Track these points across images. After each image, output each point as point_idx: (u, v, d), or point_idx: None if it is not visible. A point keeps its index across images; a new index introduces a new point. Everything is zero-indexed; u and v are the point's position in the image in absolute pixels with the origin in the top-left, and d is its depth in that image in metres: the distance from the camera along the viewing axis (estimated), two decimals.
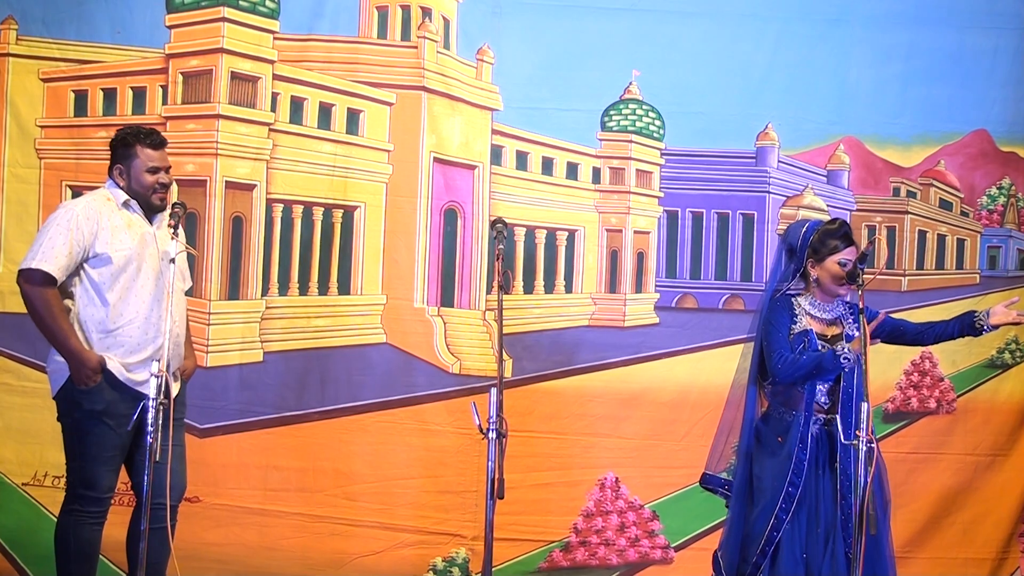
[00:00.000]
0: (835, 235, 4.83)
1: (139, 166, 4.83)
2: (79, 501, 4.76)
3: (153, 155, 4.84)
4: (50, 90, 6.21)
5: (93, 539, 4.79)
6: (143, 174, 4.83)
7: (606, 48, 6.38)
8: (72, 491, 4.78)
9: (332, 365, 6.26)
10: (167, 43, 6.22)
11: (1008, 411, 6.50)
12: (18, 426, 6.05)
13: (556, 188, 6.48)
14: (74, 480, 4.78)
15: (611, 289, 6.48)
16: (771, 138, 6.48)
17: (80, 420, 4.71)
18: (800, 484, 4.78)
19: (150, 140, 4.86)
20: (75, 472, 4.77)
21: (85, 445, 4.71)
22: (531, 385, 6.29)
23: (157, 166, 4.85)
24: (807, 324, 4.84)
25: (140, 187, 4.84)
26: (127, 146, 4.85)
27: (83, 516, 4.76)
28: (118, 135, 4.93)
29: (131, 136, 4.87)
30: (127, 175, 4.85)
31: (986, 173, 6.66)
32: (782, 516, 4.77)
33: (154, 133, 4.91)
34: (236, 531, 6.08)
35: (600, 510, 6.33)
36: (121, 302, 4.74)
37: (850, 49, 6.46)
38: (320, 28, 6.29)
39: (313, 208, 6.29)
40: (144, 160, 4.83)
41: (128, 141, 4.86)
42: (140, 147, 4.83)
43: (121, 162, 4.86)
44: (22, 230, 6.13)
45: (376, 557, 6.19)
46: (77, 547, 4.77)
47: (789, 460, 4.80)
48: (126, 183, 4.85)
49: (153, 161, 4.84)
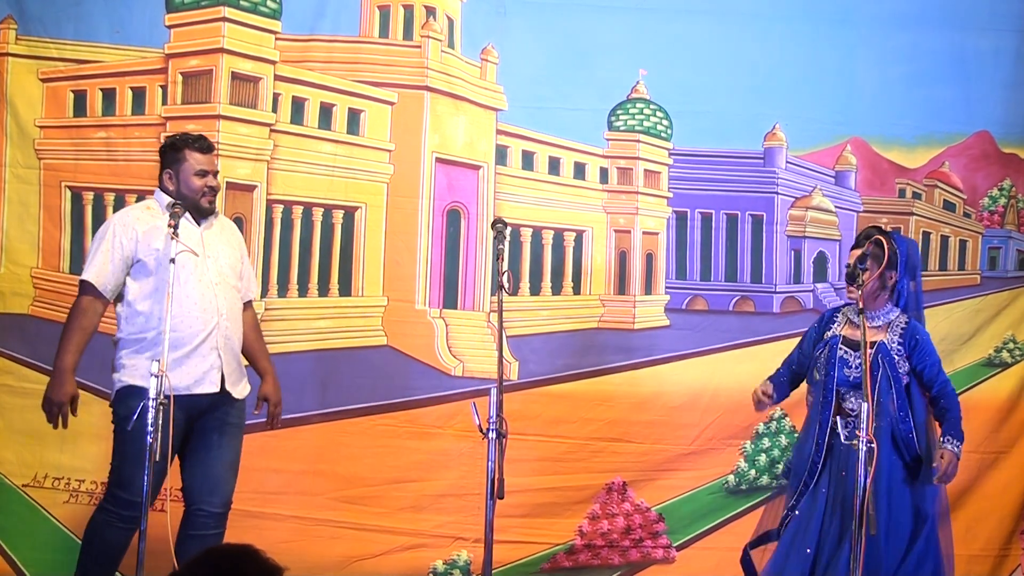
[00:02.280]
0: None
1: (188, 170, 4.93)
2: (112, 500, 4.83)
3: (202, 159, 4.96)
4: (49, 90, 6.16)
5: (119, 542, 4.80)
6: (192, 177, 4.93)
7: (612, 47, 6.36)
8: (109, 489, 4.89)
9: (332, 367, 6.23)
10: (167, 43, 6.17)
11: (1008, 409, 6.51)
12: (18, 427, 5.98)
13: (563, 188, 6.45)
14: (112, 479, 4.88)
15: (620, 291, 6.45)
16: (779, 138, 6.48)
17: (129, 413, 4.70)
18: (812, 485, 4.91)
19: (199, 144, 4.97)
20: (114, 471, 4.87)
21: (125, 443, 4.73)
22: (538, 388, 6.26)
23: (205, 169, 4.95)
24: (839, 331, 4.97)
25: (189, 191, 4.93)
26: (176, 150, 4.96)
27: (113, 516, 4.81)
28: (167, 140, 5.07)
29: (180, 141, 4.99)
30: (176, 179, 4.95)
31: (988, 174, 6.69)
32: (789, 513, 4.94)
33: (202, 138, 5.03)
34: (235, 533, 5.87)
35: (606, 513, 6.30)
36: (161, 304, 4.76)
37: (855, 50, 6.48)
38: (322, 28, 6.25)
39: (313, 209, 6.25)
40: (193, 164, 4.93)
41: (177, 145, 4.97)
42: (189, 151, 4.94)
43: (170, 166, 4.96)
44: (23, 230, 6.10)
45: (376, 560, 6.16)
46: (101, 546, 4.86)
47: (806, 463, 4.95)
48: (175, 187, 4.95)
49: (202, 164, 4.95)
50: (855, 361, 4.85)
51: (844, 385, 4.89)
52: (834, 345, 4.94)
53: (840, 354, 4.92)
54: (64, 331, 4.88)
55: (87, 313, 4.85)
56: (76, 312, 4.87)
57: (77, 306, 4.88)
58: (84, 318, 4.85)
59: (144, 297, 4.83)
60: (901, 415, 4.84)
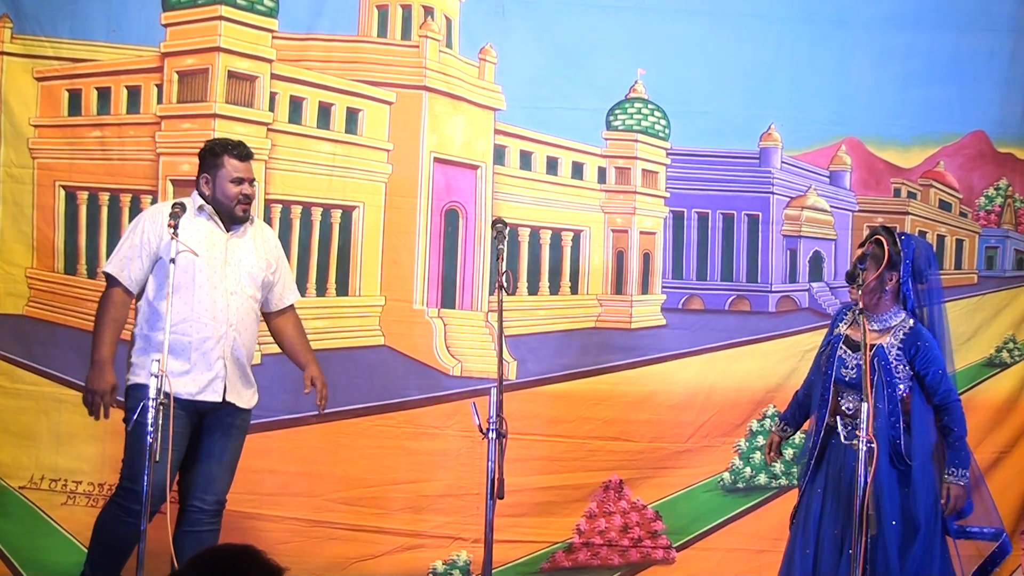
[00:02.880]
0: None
1: (225, 176, 4.99)
2: (123, 494, 4.87)
3: (239, 166, 5.01)
4: (44, 89, 6.13)
5: (127, 536, 4.77)
6: (228, 184, 4.98)
7: (611, 47, 6.35)
8: (121, 483, 4.93)
9: (329, 367, 6.04)
10: (163, 41, 6.15)
11: (1008, 410, 6.52)
12: (13, 429, 5.97)
13: (561, 188, 6.44)
14: (124, 472, 4.91)
15: (617, 290, 6.44)
16: (774, 139, 6.48)
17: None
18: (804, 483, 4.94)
19: (237, 152, 5.02)
20: (126, 466, 4.90)
21: (137, 436, 4.71)
22: (535, 388, 6.26)
23: (242, 177, 5.00)
24: (843, 330, 4.96)
25: (224, 197, 4.99)
26: (215, 156, 5.02)
27: (122, 511, 4.83)
28: (207, 145, 5.11)
29: (219, 147, 5.05)
30: (212, 184, 5.00)
31: (984, 174, 6.69)
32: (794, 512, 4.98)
33: (241, 145, 5.08)
34: (232, 535, 5.90)
35: (603, 511, 6.30)
36: (185, 304, 4.84)
37: (851, 50, 6.48)
38: (320, 27, 6.24)
39: (311, 208, 6.24)
40: (230, 170, 4.99)
41: (216, 151, 5.02)
42: (227, 157, 5.00)
43: (208, 171, 5.02)
44: (17, 230, 6.07)
45: (375, 561, 6.14)
46: (110, 539, 4.91)
47: (803, 460, 4.98)
48: (211, 192, 5.00)
49: (239, 172, 5.00)
50: (852, 361, 4.85)
51: (840, 384, 4.89)
52: (836, 343, 4.95)
53: (839, 353, 4.92)
54: (97, 325, 4.93)
55: (117, 305, 4.92)
56: (107, 304, 4.93)
57: (107, 298, 4.94)
58: (115, 310, 4.92)
59: (160, 294, 4.83)
60: (892, 420, 4.82)
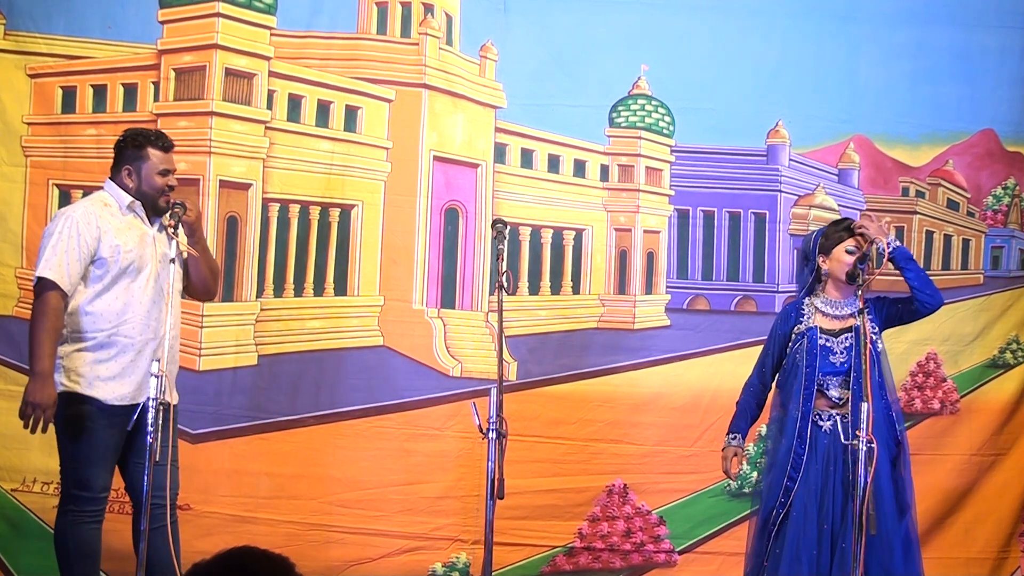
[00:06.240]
0: (840, 226, 4.95)
1: (150, 168, 4.83)
2: (74, 501, 4.72)
3: (164, 157, 4.87)
4: (37, 86, 6.09)
5: (91, 539, 4.71)
6: (154, 176, 4.83)
7: (614, 42, 6.33)
8: (66, 492, 4.76)
9: (328, 368, 6.19)
10: (159, 39, 6.11)
11: (1010, 411, 6.50)
12: (5, 431, 5.87)
13: (563, 186, 6.41)
14: (67, 481, 4.75)
15: (620, 290, 6.41)
16: (782, 136, 6.45)
17: (74, 419, 4.64)
18: (798, 479, 4.81)
19: (161, 143, 4.88)
20: (69, 473, 4.73)
21: (79, 445, 4.64)
22: (536, 389, 6.22)
23: (167, 168, 4.87)
24: (813, 322, 4.91)
25: (151, 189, 4.83)
26: (138, 147, 4.85)
27: (79, 516, 4.71)
28: (128, 136, 4.92)
29: (142, 137, 4.88)
30: (137, 176, 4.83)
31: (992, 173, 6.68)
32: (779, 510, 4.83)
33: (163, 135, 4.94)
34: (228, 539, 5.84)
35: (606, 515, 6.25)
36: (120, 304, 4.71)
37: (859, 47, 6.46)
38: (319, 24, 6.22)
39: (310, 207, 6.20)
40: (156, 162, 4.84)
41: (140, 142, 4.86)
42: (152, 149, 4.84)
43: (130, 163, 4.85)
44: (7, 229, 6.03)
45: (374, 564, 6.11)
46: (76, 547, 4.74)
47: (788, 455, 4.84)
48: (135, 184, 4.84)
49: (164, 163, 4.86)
50: (839, 347, 4.84)
51: (830, 373, 4.84)
52: (813, 336, 4.88)
53: (822, 343, 4.86)
54: (34, 334, 4.60)
55: (56, 312, 4.61)
56: (44, 312, 4.60)
57: (45, 305, 4.60)
58: (55, 317, 4.60)
59: (95, 296, 4.69)
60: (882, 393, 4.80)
